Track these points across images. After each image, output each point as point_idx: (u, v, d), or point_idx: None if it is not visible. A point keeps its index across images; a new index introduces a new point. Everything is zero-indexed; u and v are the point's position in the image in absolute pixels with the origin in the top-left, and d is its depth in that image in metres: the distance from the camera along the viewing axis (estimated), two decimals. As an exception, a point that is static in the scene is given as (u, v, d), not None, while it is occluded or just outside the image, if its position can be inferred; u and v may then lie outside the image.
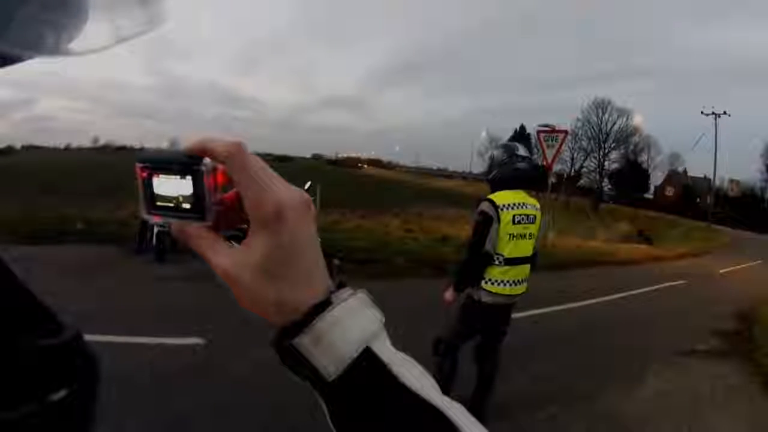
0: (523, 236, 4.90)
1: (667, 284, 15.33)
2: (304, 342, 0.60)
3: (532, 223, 4.95)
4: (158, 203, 0.66)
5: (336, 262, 11.97)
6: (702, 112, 64.39)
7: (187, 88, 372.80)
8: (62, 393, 0.71)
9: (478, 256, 4.88)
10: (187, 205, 0.64)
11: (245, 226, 0.64)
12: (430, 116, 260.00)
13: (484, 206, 4.80)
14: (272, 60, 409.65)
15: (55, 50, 0.53)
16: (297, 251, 0.62)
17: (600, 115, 77.09)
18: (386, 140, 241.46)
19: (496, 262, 4.88)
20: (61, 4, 0.53)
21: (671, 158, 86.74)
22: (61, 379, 0.71)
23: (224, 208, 0.66)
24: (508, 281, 4.96)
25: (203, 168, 0.62)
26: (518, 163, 5.00)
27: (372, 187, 53.02)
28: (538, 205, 5.06)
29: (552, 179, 22.01)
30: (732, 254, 28.93)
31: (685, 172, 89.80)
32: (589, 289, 13.30)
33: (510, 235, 4.83)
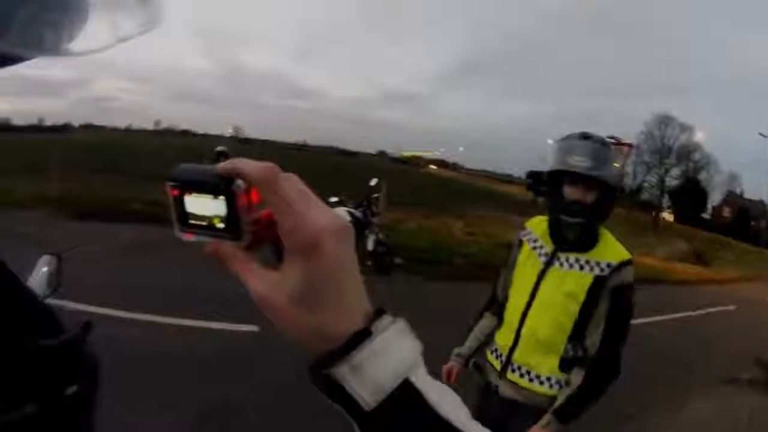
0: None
1: (717, 308, 15.16)
2: (342, 372, 0.60)
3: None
4: (191, 221, 0.66)
5: (398, 260, 12.14)
6: (761, 134, 63.21)
7: (249, 75, 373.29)
8: (62, 393, 0.79)
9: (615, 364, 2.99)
10: (220, 225, 0.64)
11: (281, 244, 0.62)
12: (496, 118, 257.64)
13: (632, 275, 2.96)
14: (336, 51, 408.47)
15: (55, 50, 0.54)
16: (335, 279, 0.61)
17: (663, 129, 75.22)
18: (450, 140, 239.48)
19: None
20: (61, 4, 0.54)
21: (729, 179, 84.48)
22: (61, 379, 0.78)
23: (260, 227, 0.65)
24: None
25: (236, 189, 0.62)
26: None
27: (435, 188, 52.39)
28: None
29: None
30: (784, 282, 28.14)
31: (741, 194, 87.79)
32: (642, 307, 13.07)
33: None
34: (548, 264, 3.00)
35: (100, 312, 6.09)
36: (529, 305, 3.00)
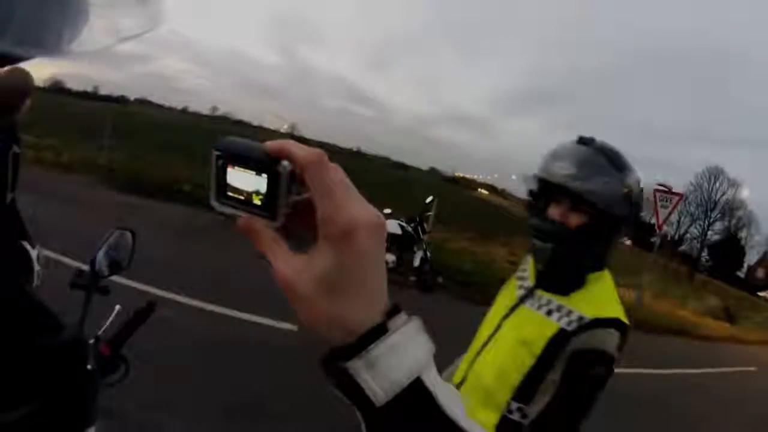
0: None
1: (739, 368, 15.06)
2: (357, 366, 0.60)
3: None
4: (229, 193, 0.65)
5: (439, 279, 12.12)
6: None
7: (315, 75, 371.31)
8: (60, 393, 0.80)
9: None
10: (258, 202, 0.64)
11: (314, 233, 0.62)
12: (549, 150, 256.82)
13: (612, 343, 2.06)
14: (404, 63, 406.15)
15: (56, 50, 0.53)
16: (361, 272, 0.61)
17: (712, 182, 73.65)
18: (504, 167, 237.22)
19: None
20: (62, 4, 0.53)
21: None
22: (58, 378, 0.80)
23: (296, 213, 0.65)
24: None
25: (281, 170, 0.62)
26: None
27: (483, 212, 51.25)
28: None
29: (658, 239, 21.58)
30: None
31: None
32: (673, 358, 13.32)
33: None
34: (522, 300, 2.33)
35: (140, 289, 6.25)
36: (485, 344, 2.41)
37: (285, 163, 0.62)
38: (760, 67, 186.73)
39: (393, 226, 11.34)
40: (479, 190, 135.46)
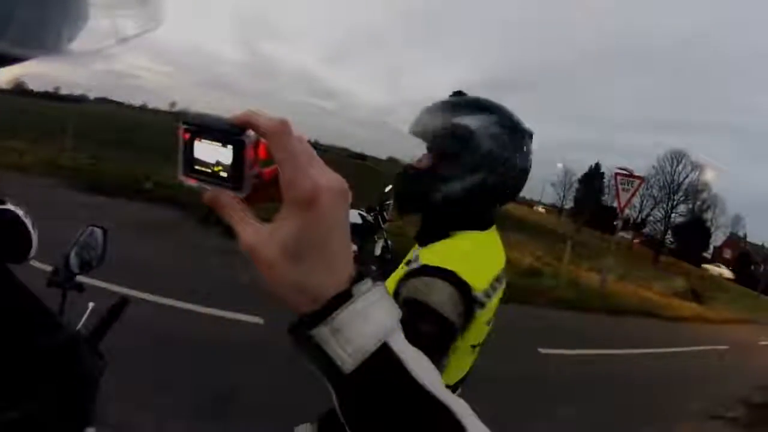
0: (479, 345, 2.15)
1: (709, 347, 15.15)
2: (323, 333, 0.61)
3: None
4: (196, 167, 0.66)
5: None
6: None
7: (276, 69, 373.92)
8: (59, 392, 0.79)
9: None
10: (224, 174, 0.65)
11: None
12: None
13: (441, 297, 1.71)
14: (364, 56, 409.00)
15: (56, 50, 0.54)
16: (325, 237, 0.62)
17: (674, 165, 75.87)
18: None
19: None
20: (62, 5, 0.54)
21: (734, 221, 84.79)
22: (58, 378, 0.79)
23: (261, 183, 0.67)
24: None
25: (246, 139, 0.63)
26: (529, 155, 2.06)
27: None
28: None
29: (619, 222, 21.84)
30: (776, 327, 27.94)
31: (745, 237, 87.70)
32: (638, 338, 13.37)
33: (475, 347, 2.11)
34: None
35: (104, 287, 5.95)
36: None
37: (250, 132, 0.63)
38: (720, 55, 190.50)
39: (353, 216, 11.26)
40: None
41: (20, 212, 1.72)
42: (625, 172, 18.93)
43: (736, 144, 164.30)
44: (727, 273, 76.20)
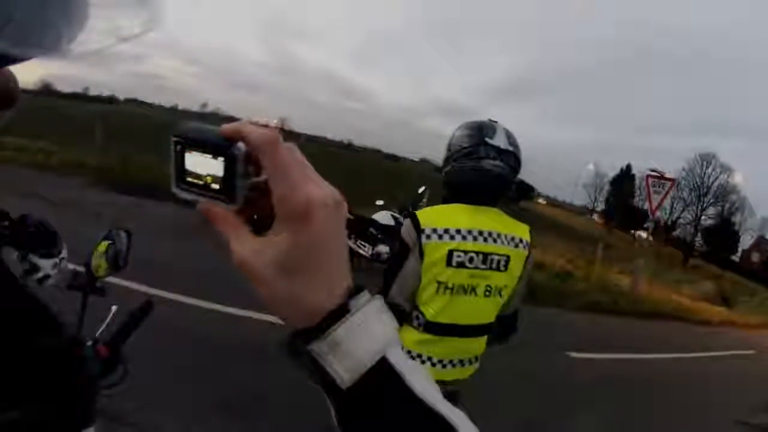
0: (467, 290, 2.76)
1: (736, 351, 15.03)
2: (320, 348, 0.60)
3: (495, 269, 2.79)
4: (188, 179, 0.65)
5: None
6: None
7: (304, 71, 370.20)
8: (59, 393, 0.80)
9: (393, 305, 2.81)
10: (216, 186, 0.64)
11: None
12: (540, 140, 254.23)
13: (404, 228, 2.80)
14: (394, 57, 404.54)
15: (56, 50, 0.54)
16: (320, 250, 0.61)
17: (704, 168, 74.87)
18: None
19: (414, 324, 2.83)
20: (62, 5, 0.54)
21: (762, 223, 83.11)
22: (57, 378, 0.80)
23: (254, 195, 0.65)
24: (429, 358, 2.85)
25: (236, 152, 0.62)
26: (486, 159, 2.77)
27: None
28: (521, 238, 2.89)
29: (651, 225, 21.68)
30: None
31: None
32: (669, 343, 13.32)
33: (441, 284, 2.71)
34: None
35: (130, 287, 6.17)
36: None
37: (240, 145, 0.62)
38: (753, 55, 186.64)
39: (385, 218, 11.27)
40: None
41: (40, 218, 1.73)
42: (656, 174, 18.56)
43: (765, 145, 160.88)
44: (644, 235, 74.95)
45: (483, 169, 2.74)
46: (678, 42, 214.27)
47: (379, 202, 11.63)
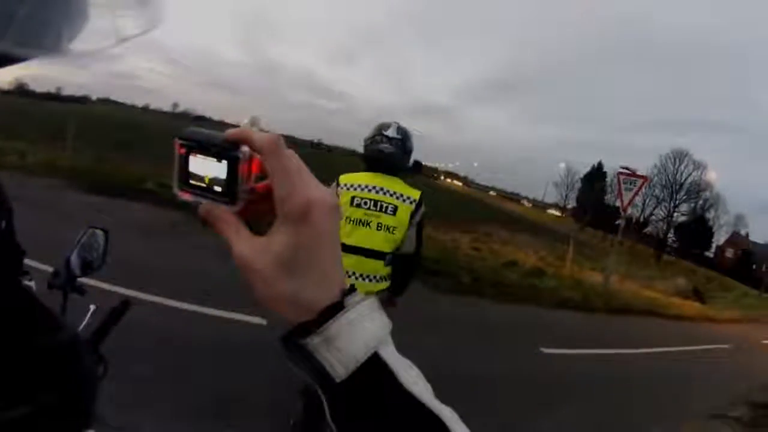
0: (364, 223, 4.28)
1: (712, 346, 15.16)
2: (315, 342, 0.62)
3: (384, 212, 4.30)
4: (191, 181, 0.67)
5: None
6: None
7: (278, 70, 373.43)
8: (59, 393, 0.78)
9: None
10: (218, 188, 0.66)
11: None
12: (514, 138, 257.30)
13: (332, 186, 4.32)
14: (368, 57, 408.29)
15: (55, 50, 0.54)
16: (317, 250, 0.63)
17: (676, 165, 76.12)
18: (468, 155, 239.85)
19: None
20: (62, 5, 0.55)
21: (736, 220, 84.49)
22: (57, 378, 0.78)
23: (255, 198, 0.67)
24: (346, 271, 3.02)
25: (240, 155, 0.64)
26: (380, 144, 4.41)
27: (446, 200, 52.03)
28: (409, 196, 4.36)
29: (622, 222, 21.84)
30: (779, 327, 27.76)
31: (747, 235, 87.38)
32: (643, 338, 13.33)
33: (347, 218, 4.27)
34: None
35: (106, 289, 5.96)
36: None
37: (244, 148, 0.64)
38: (723, 54, 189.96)
39: None
40: (441, 177, 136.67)
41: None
42: (628, 171, 18.91)
43: (739, 143, 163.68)
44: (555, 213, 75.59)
45: (378, 149, 4.44)
46: (659, 39, 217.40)
47: None
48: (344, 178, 4.39)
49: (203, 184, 0.66)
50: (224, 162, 0.65)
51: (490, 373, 7.62)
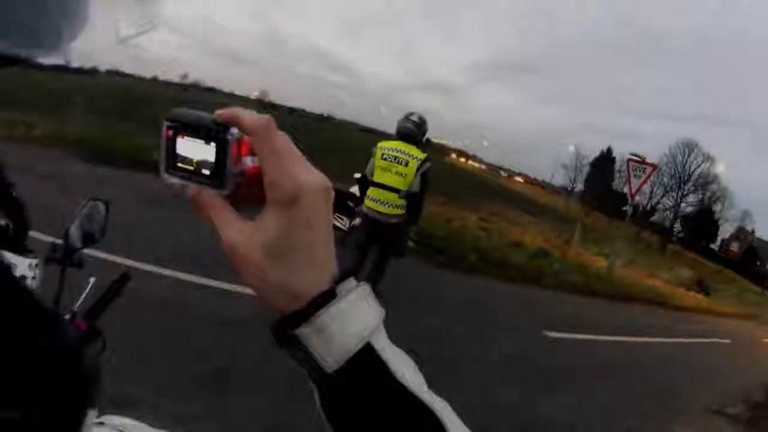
0: (387, 169, 6.79)
1: (713, 340, 15.21)
2: (306, 332, 0.61)
3: (401, 164, 6.76)
4: (178, 164, 0.66)
5: (410, 244, 12.08)
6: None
7: (288, 42, 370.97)
8: (59, 395, 0.74)
9: (362, 177, 7.25)
10: (206, 171, 0.64)
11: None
12: (524, 119, 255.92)
13: (374, 148, 7.03)
14: (379, 33, 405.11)
15: (56, 50, 0.55)
16: (308, 236, 0.62)
17: (686, 155, 76.22)
18: (476, 133, 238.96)
19: (371, 185, 6.98)
20: (61, 4, 0.54)
21: (742, 215, 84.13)
22: (57, 380, 0.73)
23: (244, 181, 0.65)
24: (372, 197, 6.91)
25: (229, 137, 0.62)
26: (406, 124, 7.01)
27: (454, 177, 51.76)
28: (417, 156, 6.81)
29: (629, 209, 21.81)
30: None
31: (753, 232, 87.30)
32: (646, 327, 13.35)
33: (378, 167, 6.86)
34: None
35: (108, 259, 6.03)
36: None
37: (234, 130, 0.63)
38: (740, 48, 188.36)
39: (356, 190, 11.26)
40: (451, 155, 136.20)
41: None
42: (637, 158, 18.82)
43: (750, 139, 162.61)
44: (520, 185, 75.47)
45: (404, 126, 6.94)
46: (671, 27, 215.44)
47: (357, 175, 11.46)
48: (381, 143, 6.97)
49: (191, 167, 0.65)
50: (213, 144, 0.64)
51: (493, 354, 7.69)
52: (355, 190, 11.19)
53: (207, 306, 6.39)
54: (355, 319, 0.63)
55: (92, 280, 1.66)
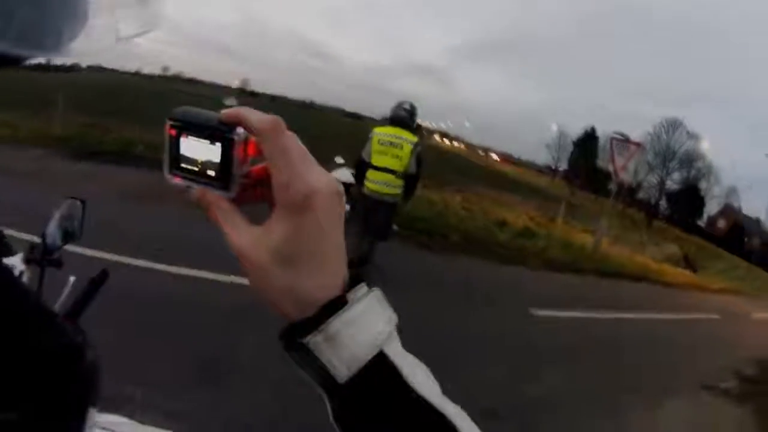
0: (383, 153, 7.71)
1: (702, 315, 15.21)
2: (317, 341, 0.59)
3: (397, 148, 7.70)
4: (182, 165, 0.65)
5: (394, 227, 12.12)
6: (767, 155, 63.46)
7: (269, 31, 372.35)
8: (58, 396, 0.74)
9: (359, 161, 8.03)
10: (211, 173, 0.63)
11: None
12: (507, 100, 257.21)
13: (371, 133, 7.95)
14: (360, 18, 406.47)
15: (56, 50, 0.54)
16: (319, 241, 0.61)
17: (670, 133, 76.60)
18: (460, 116, 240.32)
19: (370, 168, 7.83)
20: (61, 4, 0.54)
21: (728, 192, 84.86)
22: (58, 380, 0.74)
23: (250, 182, 0.65)
24: (373, 180, 7.78)
25: (235, 137, 0.62)
26: (399, 111, 8.04)
27: (438, 159, 52.38)
28: (410, 139, 7.78)
29: (614, 187, 21.95)
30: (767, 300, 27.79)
31: (739, 208, 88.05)
32: (633, 303, 13.41)
33: (374, 150, 7.75)
34: None
35: (94, 255, 6.09)
36: None
37: (240, 130, 0.61)
38: (722, 25, 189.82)
39: (345, 174, 11.26)
40: (433, 137, 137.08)
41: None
42: (621, 137, 19.06)
43: (735, 117, 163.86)
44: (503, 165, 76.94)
45: (397, 113, 7.97)
46: (654, 4, 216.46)
47: (339, 160, 11.58)
48: (376, 129, 7.93)
49: (195, 168, 0.64)
50: (218, 144, 0.62)
51: (480, 333, 7.78)
52: (338, 174, 11.22)
53: (194, 297, 6.38)
54: (367, 326, 0.61)
55: (72, 279, 1.62)
